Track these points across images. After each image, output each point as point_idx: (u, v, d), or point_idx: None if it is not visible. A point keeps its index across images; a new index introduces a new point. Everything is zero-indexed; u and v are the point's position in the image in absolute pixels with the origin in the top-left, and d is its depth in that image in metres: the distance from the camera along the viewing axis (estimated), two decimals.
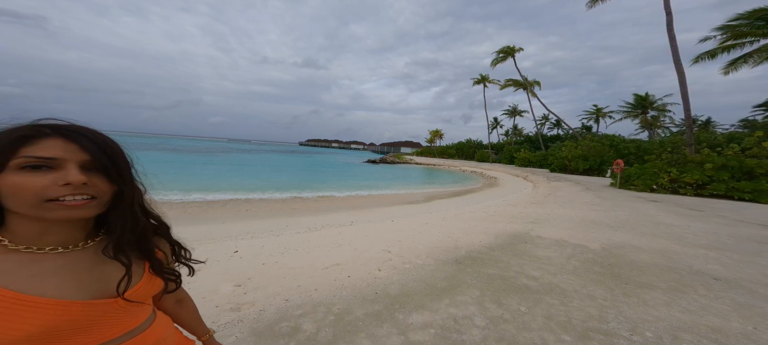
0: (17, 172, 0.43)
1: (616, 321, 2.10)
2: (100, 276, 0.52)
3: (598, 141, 23.33)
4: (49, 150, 0.44)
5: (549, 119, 48.75)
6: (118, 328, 0.52)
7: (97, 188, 0.48)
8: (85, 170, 0.47)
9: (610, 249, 3.88)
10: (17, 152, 0.44)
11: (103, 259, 0.52)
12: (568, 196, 9.99)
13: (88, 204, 0.47)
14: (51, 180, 0.44)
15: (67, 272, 0.49)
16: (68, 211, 0.45)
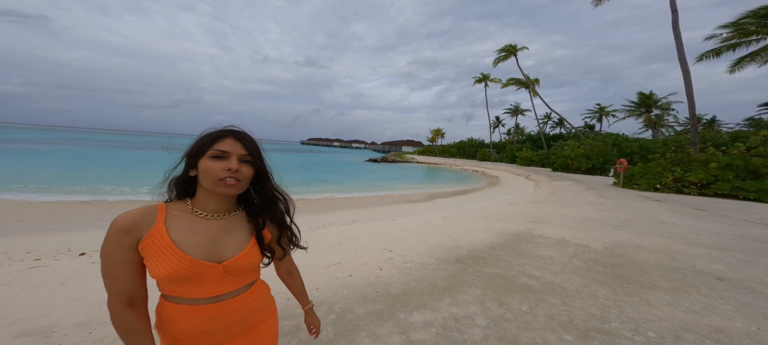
0: (209, 159, 0.68)
1: (618, 321, 2.08)
2: (217, 243, 0.71)
3: (601, 140, 23.16)
4: (226, 146, 0.69)
5: (551, 118, 48.47)
6: (217, 288, 0.71)
7: (243, 174, 0.70)
8: (240, 162, 0.70)
9: (612, 248, 3.85)
10: (212, 146, 0.69)
11: (228, 231, 0.73)
12: (570, 195, 9.94)
13: (236, 185, 0.69)
14: (222, 166, 0.68)
15: (201, 235, 0.70)
16: (226, 188, 0.69)
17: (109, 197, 8.14)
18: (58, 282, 2.39)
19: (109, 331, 1.74)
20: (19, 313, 1.88)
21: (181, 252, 0.67)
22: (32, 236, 4.24)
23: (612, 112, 36.80)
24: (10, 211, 6.02)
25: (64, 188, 8.73)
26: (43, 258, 3.03)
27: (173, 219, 0.70)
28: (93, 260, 2.98)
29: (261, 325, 0.80)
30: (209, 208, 0.73)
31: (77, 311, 1.93)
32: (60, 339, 1.63)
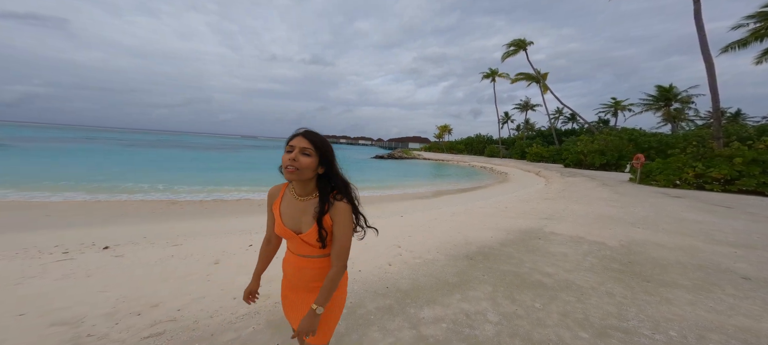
0: (285, 153, 0.95)
1: (636, 319, 2.02)
2: (300, 219, 1.00)
3: (616, 135, 22.33)
4: (293, 142, 0.94)
5: (563, 113, 47.06)
6: (303, 249, 1.02)
7: (300, 163, 0.92)
8: (301, 154, 0.93)
9: (629, 246, 3.73)
10: (287, 143, 0.96)
11: (305, 212, 1.00)
12: (583, 191, 9.66)
13: (294, 172, 0.93)
14: (287, 157, 0.93)
15: (293, 210, 1.01)
16: (288, 173, 0.94)
17: (125, 196, 8.48)
18: (85, 274, 2.52)
19: (134, 321, 1.82)
20: (51, 303, 1.99)
21: (281, 221, 1.02)
22: (59, 231, 4.48)
23: (628, 107, 35.39)
24: (37, 207, 6.37)
25: (84, 186, 9.15)
26: (70, 251, 3.20)
27: (287, 195, 1.04)
28: (116, 254, 3.13)
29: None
30: (297, 191, 1.01)
31: (103, 303, 2.03)
32: (89, 329, 1.72)
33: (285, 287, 1.11)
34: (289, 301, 1.10)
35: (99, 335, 1.66)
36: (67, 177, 10.63)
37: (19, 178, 9.65)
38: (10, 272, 2.52)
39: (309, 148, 0.93)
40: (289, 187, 1.04)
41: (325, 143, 0.96)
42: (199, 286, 2.35)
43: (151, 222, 5.51)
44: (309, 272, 1.04)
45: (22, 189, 8.15)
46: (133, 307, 1.97)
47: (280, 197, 1.05)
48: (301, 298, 1.05)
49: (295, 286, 1.07)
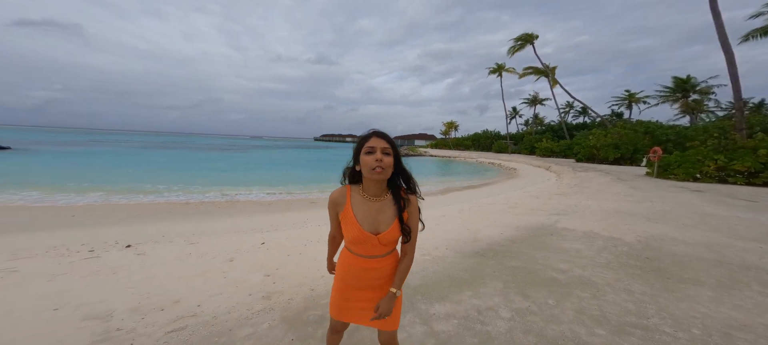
0: (364, 154, 0.98)
1: (657, 317, 1.96)
2: (375, 219, 1.03)
3: (630, 128, 21.54)
4: (373, 143, 0.97)
5: (574, 107, 45.70)
6: (376, 250, 1.05)
7: (385, 163, 0.96)
8: (383, 153, 0.97)
9: (647, 242, 3.61)
10: (365, 144, 0.98)
11: (383, 211, 1.03)
12: (596, 186, 9.39)
13: (382, 172, 0.96)
14: (372, 159, 0.96)
15: (368, 212, 1.03)
16: (377, 175, 0.96)
17: (141, 196, 8.80)
18: (111, 271, 2.64)
19: (159, 316, 1.91)
20: (81, 298, 2.10)
21: (358, 224, 1.01)
22: (84, 230, 4.71)
23: (643, 99, 34.07)
24: (63, 208, 6.70)
25: (105, 187, 9.55)
26: (95, 250, 3.37)
27: (354, 198, 1.04)
28: (138, 252, 3.27)
29: (389, 287, 1.11)
30: (371, 192, 1.03)
31: (129, 298, 2.13)
32: (117, 323, 1.81)
33: (344, 289, 1.12)
34: (352, 301, 1.12)
35: (127, 329, 1.74)
36: (89, 179, 11.13)
37: (45, 181, 10.18)
38: (43, 269, 2.68)
39: (388, 148, 0.97)
40: (356, 190, 1.05)
41: (394, 141, 1.02)
42: (216, 282, 2.43)
43: (169, 221, 5.71)
44: (376, 272, 1.08)
45: (47, 191, 8.59)
46: (157, 303, 2.06)
47: (348, 202, 1.04)
48: (368, 296, 1.10)
49: (359, 287, 1.10)
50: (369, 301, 1.10)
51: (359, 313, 1.13)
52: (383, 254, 1.07)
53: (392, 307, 1.06)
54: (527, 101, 47.29)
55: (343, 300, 1.13)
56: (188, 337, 1.67)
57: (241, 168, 18.72)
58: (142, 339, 1.64)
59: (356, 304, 1.12)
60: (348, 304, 1.13)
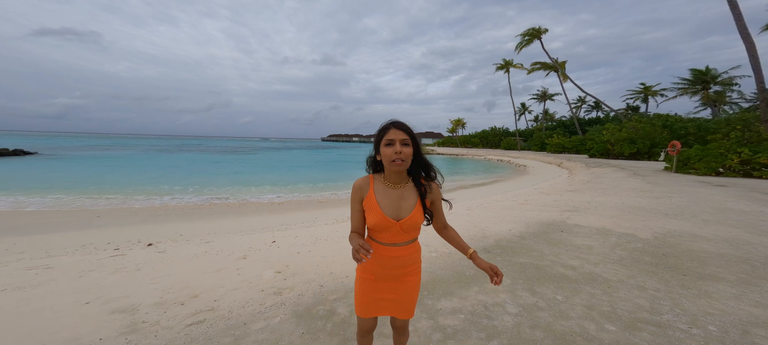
0: (384, 146, 1.01)
1: (671, 313, 1.92)
2: (398, 206, 1.06)
3: (647, 121, 20.70)
4: (392, 135, 1.00)
5: (586, 101, 44.31)
6: (399, 237, 1.08)
7: (404, 154, 0.99)
8: (402, 144, 0.99)
9: (663, 238, 3.50)
10: (384, 136, 1.01)
11: (404, 198, 1.07)
12: (611, 182, 9.10)
13: (402, 164, 0.99)
14: (392, 151, 0.99)
15: (390, 199, 1.06)
16: (397, 166, 0.99)
17: (159, 199, 9.17)
18: (135, 268, 2.81)
19: (179, 310, 2.02)
20: (109, 293, 2.25)
21: (380, 210, 1.04)
22: (109, 230, 4.99)
23: (660, 92, 32.60)
24: (88, 210, 7.09)
25: (126, 190, 10.02)
26: (120, 248, 3.57)
27: (377, 186, 1.08)
28: (159, 250, 3.44)
29: (412, 277, 1.16)
30: (392, 180, 1.07)
31: (153, 293, 2.26)
32: (143, 316, 1.92)
33: (368, 280, 1.13)
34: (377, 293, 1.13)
35: (151, 322, 1.86)
36: (110, 182, 11.70)
37: (71, 184, 10.79)
38: (74, 266, 2.87)
39: (407, 139, 0.99)
40: (378, 178, 1.08)
41: (413, 131, 1.03)
42: (231, 279, 2.53)
43: (185, 221, 5.96)
44: (399, 260, 1.10)
45: (73, 194, 9.10)
46: (177, 298, 2.17)
47: (371, 189, 1.06)
48: (390, 287, 1.13)
49: (384, 277, 1.12)
50: (391, 291, 1.13)
51: (383, 304, 1.15)
52: (405, 242, 1.10)
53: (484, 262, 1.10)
54: (536, 97, 46.18)
55: (370, 292, 1.14)
56: (207, 330, 1.76)
57: (252, 170, 19.18)
58: (164, 332, 1.75)
59: (380, 295, 1.13)
60: (374, 297, 1.14)
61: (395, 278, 1.12)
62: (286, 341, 1.64)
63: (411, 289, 1.15)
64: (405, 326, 1.25)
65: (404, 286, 1.14)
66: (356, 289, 1.17)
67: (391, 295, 1.13)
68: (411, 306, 1.17)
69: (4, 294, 2.23)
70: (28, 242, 4.17)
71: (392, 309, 1.16)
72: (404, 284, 1.14)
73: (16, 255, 3.51)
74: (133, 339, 1.66)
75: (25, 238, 4.39)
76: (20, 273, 2.68)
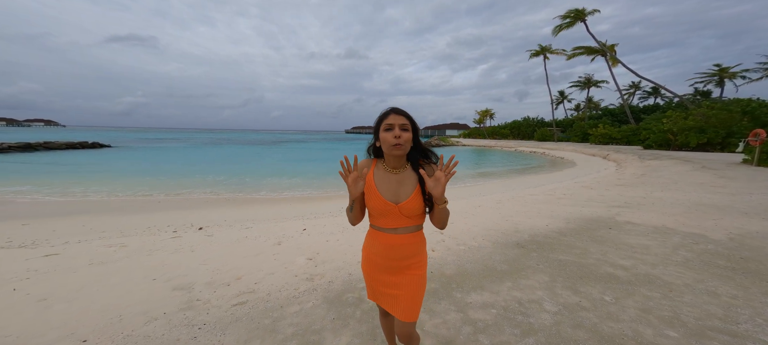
0: (383, 131, 1.00)
1: (749, 322, 1.64)
2: (397, 190, 1.05)
3: (721, 107, 17.55)
4: (391, 120, 1.00)
5: (641, 87, 38.91)
6: (399, 222, 1.06)
7: (404, 139, 0.99)
8: (401, 129, 0.99)
9: (741, 240, 2.98)
10: (383, 121, 1.01)
11: (403, 183, 1.06)
12: (672, 176, 7.94)
13: (401, 147, 0.99)
14: (391, 135, 0.99)
15: (389, 183, 1.05)
16: (396, 150, 0.99)
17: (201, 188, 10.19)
18: (190, 249, 3.17)
19: (226, 291, 2.22)
20: (171, 271, 2.56)
21: (379, 194, 1.05)
22: (167, 214, 5.69)
23: (740, 73, 27.27)
24: (150, 198, 8.15)
25: (180, 179, 11.33)
26: (178, 231, 4.06)
27: (377, 170, 1.08)
28: (208, 234, 3.85)
29: (416, 270, 1.10)
30: (391, 165, 1.07)
31: (205, 273, 2.53)
32: (197, 295, 2.15)
33: (370, 271, 1.13)
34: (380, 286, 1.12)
35: (204, 300, 2.06)
36: (167, 172, 13.39)
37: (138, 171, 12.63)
38: (143, 245, 3.34)
39: (406, 124, 1.00)
40: (379, 164, 1.08)
41: (412, 117, 1.03)
42: (269, 263, 2.73)
43: (228, 208, 6.55)
44: (399, 250, 1.06)
45: (139, 180, 10.58)
46: (224, 278, 2.40)
47: (371, 172, 1.07)
48: (393, 282, 1.09)
49: (386, 268, 1.09)
50: (393, 287, 1.09)
51: (385, 298, 1.11)
52: (407, 229, 1.06)
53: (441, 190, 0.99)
54: (579, 84, 41.70)
55: (372, 280, 1.14)
56: (249, 311, 1.91)
57: (284, 160, 20.43)
58: (214, 310, 1.92)
59: (384, 289, 1.10)
60: (376, 286, 1.13)
61: (396, 270, 1.07)
62: (318, 325, 1.72)
63: (413, 285, 1.07)
64: (409, 333, 1.09)
65: (405, 280, 1.07)
66: (363, 273, 1.19)
67: (392, 290, 1.08)
68: (413, 306, 1.07)
69: (91, 267, 2.67)
70: (106, 222, 4.96)
71: (393, 306, 1.09)
72: (405, 277, 1.07)
73: (99, 233, 4.19)
74: (190, 315, 1.86)
75: (102, 219, 5.22)
76: (103, 249, 3.19)
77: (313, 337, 1.63)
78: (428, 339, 1.58)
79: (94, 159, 18.15)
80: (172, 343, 1.60)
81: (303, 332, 1.66)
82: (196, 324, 1.77)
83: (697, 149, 16.97)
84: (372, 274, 1.12)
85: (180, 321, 1.80)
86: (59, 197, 7.83)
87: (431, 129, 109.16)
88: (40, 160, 16.55)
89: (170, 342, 1.60)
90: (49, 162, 15.77)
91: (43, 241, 3.81)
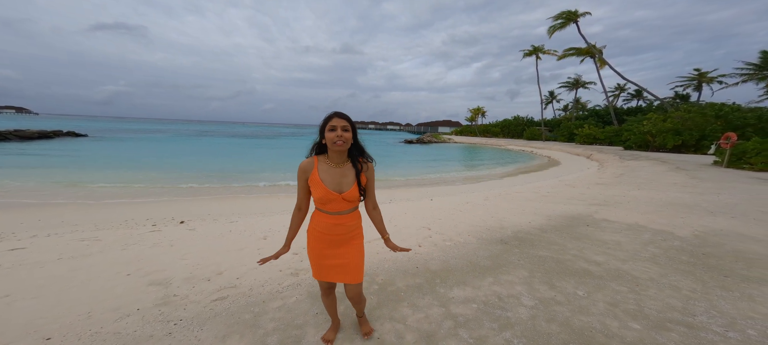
0: (328, 131, 1.22)
1: (706, 315, 1.76)
2: (340, 182, 1.27)
3: (697, 111, 18.48)
4: (334, 122, 1.21)
5: (625, 89, 40.36)
6: (342, 206, 1.29)
7: (344, 138, 1.21)
8: (343, 130, 1.21)
9: (705, 237, 3.18)
10: (328, 123, 1.22)
11: (345, 175, 1.28)
12: (648, 176, 8.35)
13: (342, 145, 1.21)
14: (334, 135, 1.20)
15: (332, 176, 1.27)
16: (338, 147, 1.21)
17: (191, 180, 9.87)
18: (169, 244, 3.08)
19: (205, 286, 2.18)
20: (148, 266, 2.49)
21: (324, 186, 1.25)
22: (147, 207, 5.49)
23: (718, 78, 28.70)
24: (129, 189, 7.82)
25: (161, 170, 10.90)
26: (157, 224, 3.92)
27: (321, 166, 1.27)
28: (189, 228, 3.74)
29: (355, 241, 1.38)
30: (334, 160, 1.27)
31: (183, 268, 2.46)
32: (174, 290, 2.10)
33: (318, 247, 1.35)
34: (325, 257, 1.35)
35: (182, 296, 2.02)
36: (148, 163, 12.79)
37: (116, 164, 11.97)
38: (118, 239, 3.22)
39: (347, 125, 1.21)
40: (322, 159, 1.29)
41: (352, 120, 1.25)
42: (252, 258, 2.69)
43: (212, 202, 6.38)
44: (342, 228, 1.32)
45: (118, 172, 10.08)
46: (204, 274, 2.35)
47: (315, 169, 1.27)
48: (338, 253, 1.34)
49: (331, 242, 1.33)
50: (340, 257, 1.33)
51: (333, 271, 1.35)
52: (347, 211, 1.31)
53: (395, 245, 1.41)
54: (567, 85, 42.78)
55: (319, 258, 1.35)
56: (229, 306, 1.89)
57: (273, 153, 19.99)
58: (192, 305, 1.89)
59: (329, 261, 1.34)
60: (323, 263, 1.35)
61: (342, 243, 1.33)
62: (300, 320, 1.72)
63: (357, 252, 1.36)
64: (359, 292, 1.44)
65: (351, 250, 1.34)
66: (309, 255, 1.39)
67: (340, 260, 1.33)
68: (358, 269, 1.37)
69: (60, 262, 2.55)
70: (80, 215, 4.72)
71: (342, 275, 1.35)
72: (351, 247, 1.34)
73: (71, 227, 4.00)
74: (166, 311, 1.82)
75: (76, 212, 4.98)
76: (75, 243, 3.04)
77: (294, 331, 1.63)
78: (410, 334, 1.62)
79: (69, 149, 17.17)
80: (145, 339, 1.55)
81: (284, 327, 1.66)
82: (171, 320, 1.73)
83: (674, 151, 17.86)
84: (320, 250, 1.34)
85: (154, 317, 1.75)
86: (29, 188, 7.38)
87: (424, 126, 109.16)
88: (9, 149, 15.51)
89: (143, 338, 1.56)
90: (18, 152, 14.79)
91: (8, 234, 3.59)
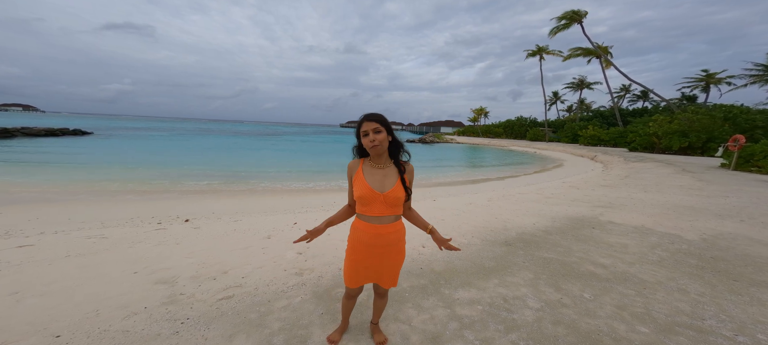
0: (362, 137, 1.25)
1: (714, 319, 1.74)
2: (382, 182, 1.27)
3: (705, 113, 18.25)
4: (365, 126, 1.22)
5: (631, 90, 40.03)
6: (386, 210, 1.27)
7: (378, 139, 1.21)
8: (375, 132, 1.21)
9: (713, 240, 3.14)
10: (360, 129, 1.24)
11: (387, 176, 1.28)
12: (654, 178, 8.26)
13: (378, 148, 1.22)
14: (368, 140, 1.22)
15: (375, 176, 1.27)
16: (374, 150, 1.22)
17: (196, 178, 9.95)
18: (175, 242, 3.10)
19: (211, 285, 2.18)
20: (154, 264, 2.50)
21: (366, 183, 1.25)
22: (153, 205, 5.53)
23: (726, 79, 28.32)
24: (135, 187, 7.90)
25: (166, 169, 11.00)
26: (162, 222, 3.96)
27: (366, 167, 1.30)
28: (194, 226, 3.77)
29: (397, 255, 1.36)
30: (376, 162, 1.29)
31: (189, 267, 2.47)
32: (181, 289, 2.10)
33: (358, 260, 1.34)
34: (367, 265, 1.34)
35: (188, 294, 2.02)
36: (154, 161, 12.94)
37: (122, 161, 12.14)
38: (125, 237, 3.25)
39: (379, 126, 1.21)
40: (367, 161, 1.32)
41: (384, 117, 1.24)
42: (257, 257, 2.71)
43: (216, 200, 6.41)
44: (383, 239, 1.31)
45: (124, 170, 10.20)
46: (210, 272, 2.36)
47: (360, 169, 1.31)
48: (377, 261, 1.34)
49: (370, 255, 1.32)
50: (378, 264, 1.34)
51: (369, 273, 1.36)
52: (389, 218, 1.29)
53: (442, 238, 1.38)
54: (572, 86, 42.45)
55: (358, 267, 1.35)
56: (235, 305, 1.89)
57: (277, 152, 20.08)
58: (199, 304, 1.89)
59: (367, 263, 1.33)
60: (361, 272, 1.36)
61: (381, 255, 1.31)
62: (306, 321, 1.72)
63: (395, 264, 1.36)
64: (386, 291, 1.48)
65: (389, 261, 1.34)
66: (346, 262, 1.37)
67: (378, 266, 1.34)
68: (394, 277, 1.39)
69: (68, 259, 2.58)
70: (86, 213, 4.78)
71: (377, 278, 1.37)
72: (389, 259, 1.33)
73: (78, 224, 4.04)
74: (173, 310, 1.82)
75: (82, 209, 5.04)
76: (82, 241, 3.08)
77: (300, 331, 1.63)
78: (415, 335, 1.61)
79: (75, 146, 17.39)
80: (153, 338, 1.56)
81: (290, 327, 1.66)
82: (178, 318, 1.74)
83: (680, 152, 17.66)
84: (360, 260, 1.32)
85: (162, 315, 1.76)
86: (37, 185, 7.49)
87: (426, 126, 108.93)
88: (17, 146, 15.75)
89: (150, 337, 1.57)
90: (27, 149, 15.00)
91: (17, 231, 3.65)
